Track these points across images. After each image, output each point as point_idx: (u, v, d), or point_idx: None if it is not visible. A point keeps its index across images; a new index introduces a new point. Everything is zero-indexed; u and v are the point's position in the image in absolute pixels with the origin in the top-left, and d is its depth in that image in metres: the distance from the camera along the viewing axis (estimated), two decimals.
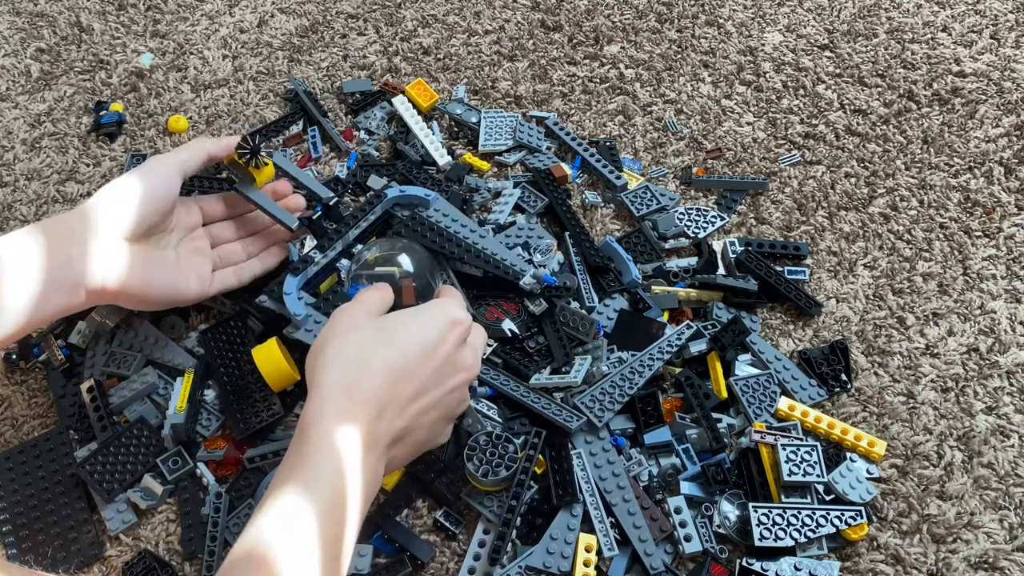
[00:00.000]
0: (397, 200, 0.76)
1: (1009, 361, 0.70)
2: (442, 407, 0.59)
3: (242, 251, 0.74)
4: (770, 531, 0.60)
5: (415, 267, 0.69)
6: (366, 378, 0.54)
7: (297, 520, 0.48)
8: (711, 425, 0.65)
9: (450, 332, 0.59)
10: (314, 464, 0.51)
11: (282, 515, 0.49)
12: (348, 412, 0.53)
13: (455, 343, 0.59)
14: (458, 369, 0.59)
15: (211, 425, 0.69)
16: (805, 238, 0.79)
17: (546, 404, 0.66)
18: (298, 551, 0.48)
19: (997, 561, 0.60)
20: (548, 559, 0.60)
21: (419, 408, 0.57)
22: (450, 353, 0.58)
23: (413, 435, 0.57)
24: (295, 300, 0.69)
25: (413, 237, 0.73)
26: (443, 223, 0.74)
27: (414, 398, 0.56)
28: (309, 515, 0.49)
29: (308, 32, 1.01)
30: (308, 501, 0.49)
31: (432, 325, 0.58)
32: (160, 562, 0.62)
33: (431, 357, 0.57)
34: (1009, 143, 0.85)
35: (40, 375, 0.74)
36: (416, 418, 0.57)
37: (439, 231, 0.73)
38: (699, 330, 0.70)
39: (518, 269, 0.71)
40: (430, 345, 0.57)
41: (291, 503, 0.49)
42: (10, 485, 0.67)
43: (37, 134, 0.92)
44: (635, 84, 0.93)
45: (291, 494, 0.49)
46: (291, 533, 0.48)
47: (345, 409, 0.53)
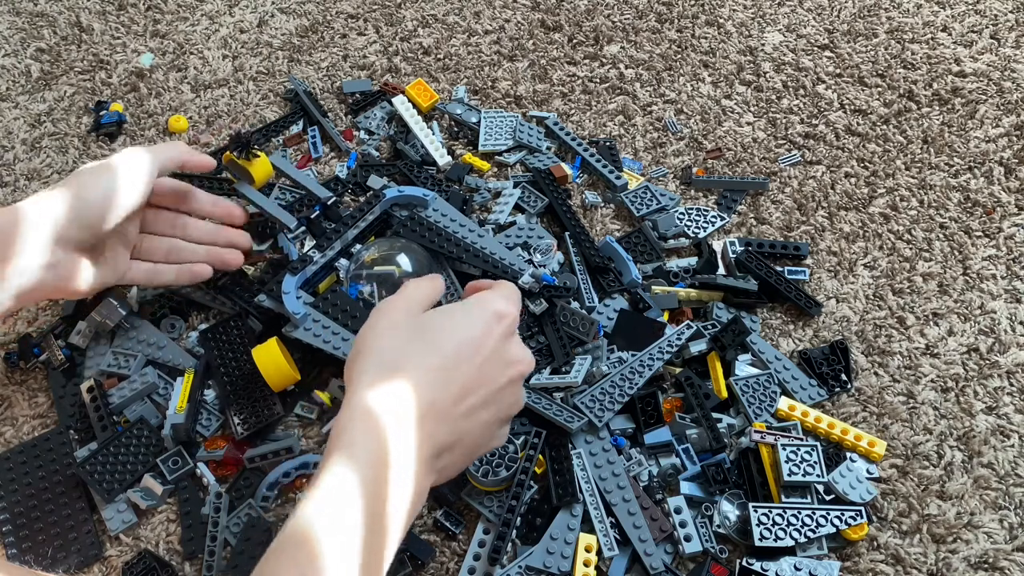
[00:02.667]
0: (396, 200, 0.76)
1: (1009, 361, 0.70)
2: (494, 406, 0.55)
3: (164, 250, 0.72)
4: (770, 531, 0.60)
5: (414, 267, 0.70)
6: (403, 384, 0.51)
7: (333, 541, 0.46)
8: (711, 425, 0.65)
9: (494, 326, 0.55)
10: (344, 480, 0.47)
11: (314, 536, 0.45)
12: (382, 422, 0.49)
13: (501, 336, 0.55)
14: (507, 363, 0.55)
15: (211, 425, 0.69)
16: (805, 238, 0.79)
17: (547, 404, 0.66)
18: (336, 564, 0.45)
19: (997, 561, 0.60)
20: (548, 559, 0.60)
21: (466, 409, 0.53)
22: (496, 348, 0.54)
23: (464, 440, 0.53)
24: (293, 299, 0.69)
25: (412, 237, 0.73)
26: (442, 223, 0.74)
27: (459, 399, 0.52)
28: (345, 538, 0.46)
29: (308, 32, 1.01)
30: (340, 519, 0.46)
31: (473, 320, 0.55)
32: (160, 562, 0.62)
33: (475, 354, 0.53)
34: (1009, 143, 0.85)
35: (40, 375, 0.74)
36: (464, 421, 0.53)
37: (438, 231, 0.73)
38: (699, 330, 0.70)
39: (517, 268, 0.71)
40: (472, 341, 0.54)
41: (324, 522, 0.46)
42: (10, 485, 0.67)
43: (37, 134, 0.92)
44: (635, 84, 0.93)
45: (320, 514, 0.46)
46: (331, 549, 0.45)
47: (378, 419, 0.49)
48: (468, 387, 0.53)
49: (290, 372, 0.67)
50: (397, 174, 0.85)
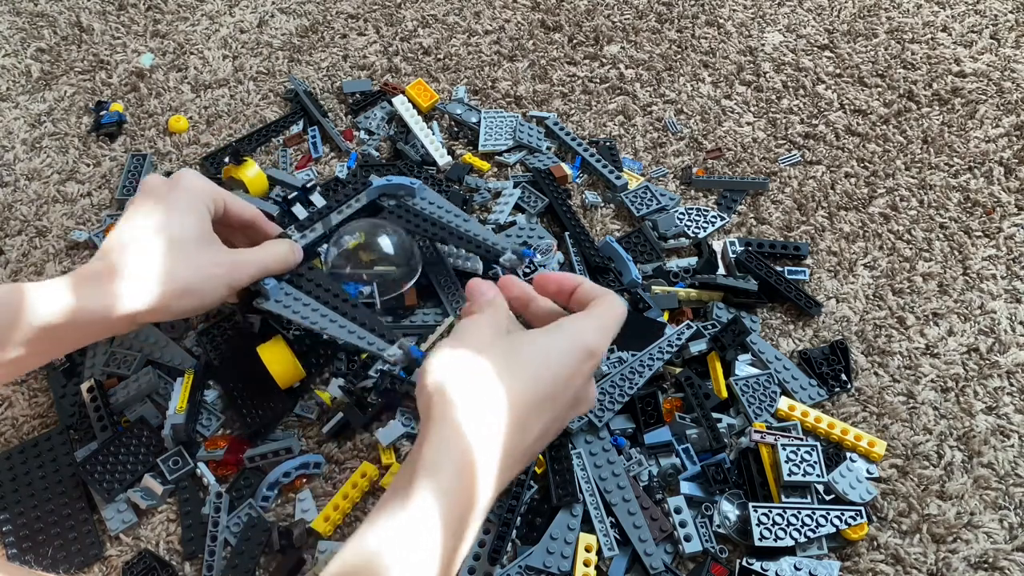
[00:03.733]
0: (383, 190, 0.74)
1: (1009, 361, 0.70)
2: (549, 438, 0.54)
3: None
4: (770, 531, 0.60)
5: (396, 251, 0.69)
6: (497, 419, 0.48)
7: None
8: (711, 425, 0.65)
9: (584, 364, 0.52)
10: (427, 514, 0.45)
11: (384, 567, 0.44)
12: (474, 459, 0.47)
13: (586, 377, 0.53)
14: (581, 403, 0.54)
15: (211, 425, 0.69)
16: (805, 238, 0.79)
17: None
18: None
19: (997, 561, 0.60)
20: (548, 559, 0.60)
21: (538, 444, 0.52)
22: (579, 388, 0.53)
23: (520, 464, 0.52)
24: (275, 284, 0.66)
25: (398, 223, 0.72)
26: (428, 210, 0.74)
27: (538, 438, 0.51)
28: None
29: (308, 32, 1.01)
30: (415, 553, 0.44)
31: (568, 355, 0.51)
32: (160, 562, 0.62)
33: (562, 393, 0.51)
34: (1009, 143, 0.85)
35: (40, 375, 0.74)
36: (530, 452, 0.52)
37: (424, 216, 0.73)
38: (699, 330, 0.70)
39: (499, 248, 0.71)
40: (562, 379, 0.51)
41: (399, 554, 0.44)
42: (10, 485, 0.67)
43: (37, 134, 0.92)
44: (635, 84, 0.93)
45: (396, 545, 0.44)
46: None
47: (471, 456, 0.47)
48: (548, 426, 0.52)
49: (297, 368, 0.67)
50: (397, 174, 0.85)
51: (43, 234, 0.84)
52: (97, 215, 0.85)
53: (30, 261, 0.82)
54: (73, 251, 0.82)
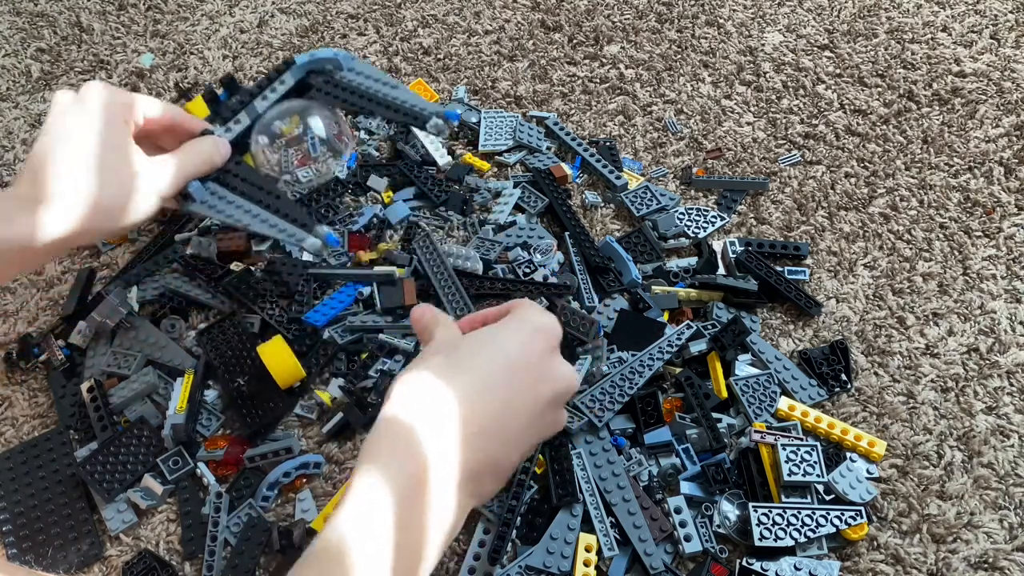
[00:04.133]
0: (309, 67, 0.71)
1: (1009, 361, 0.70)
2: (534, 428, 0.52)
3: None
4: (770, 531, 0.60)
5: (327, 132, 0.67)
6: (440, 401, 0.48)
7: (365, 557, 0.44)
8: (711, 425, 0.65)
9: (535, 338, 0.52)
10: (375, 493, 0.45)
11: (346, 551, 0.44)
12: (416, 436, 0.47)
13: (542, 352, 0.52)
14: (552, 379, 0.52)
15: (211, 425, 0.69)
16: (805, 238, 0.79)
17: None
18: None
19: (997, 561, 0.60)
20: (548, 559, 0.60)
21: (505, 430, 0.50)
22: (539, 363, 0.51)
23: (502, 463, 0.50)
24: (199, 186, 0.65)
25: (328, 100, 0.70)
26: (357, 81, 0.70)
27: (498, 419, 0.49)
28: (378, 553, 0.44)
29: (308, 32, 1.01)
30: (372, 533, 0.44)
31: (511, 336, 0.52)
32: (160, 562, 0.62)
33: (513, 372, 0.50)
34: (1009, 143, 0.85)
35: (40, 375, 0.74)
36: (502, 443, 0.50)
37: (352, 90, 0.70)
38: (699, 330, 0.70)
39: (426, 114, 0.68)
40: (511, 358, 0.50)
41: (356, 536, 0.44)
42: (10, 485, 0.67)
43: (37, 134, 0.92)
44: (635, 84, 0.93)
45: (352, 529, 0.44)
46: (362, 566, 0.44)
47: (413, 433, 0.47)
48: (508, 406, 0.50)
49: (297, 368, 0.67)
50: (397, 174, 0.85)
51: None
52: None
53: None
54: (73, 251, 0.82)
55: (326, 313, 0.73)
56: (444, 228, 0.80)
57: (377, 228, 0.80)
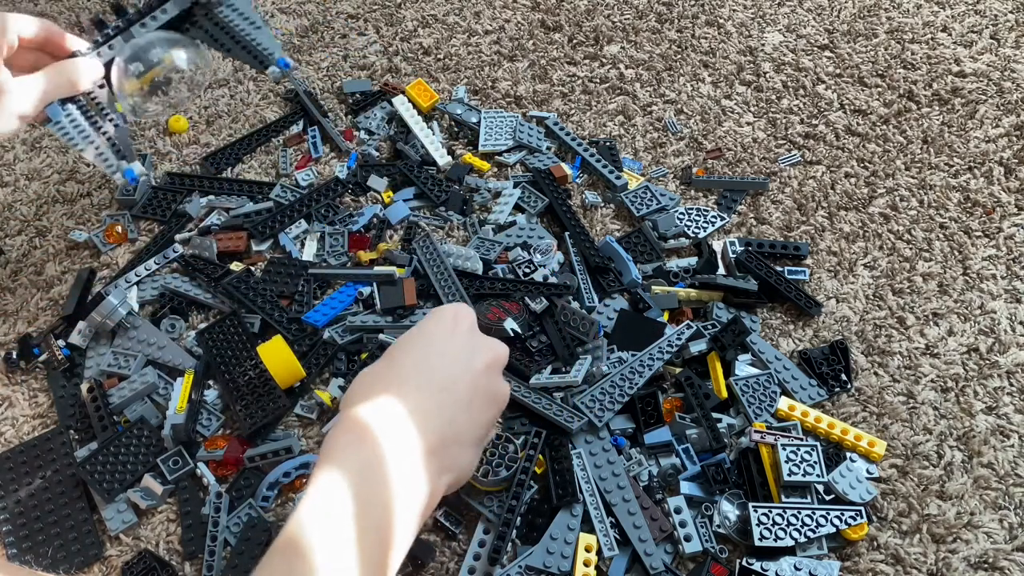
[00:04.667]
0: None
1: (1009, 361, 0.70)
2: (479, 397, 0.55)
3: None
4: (770, 531, 0.60)
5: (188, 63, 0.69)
6: (383, 395, 0.52)
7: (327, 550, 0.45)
8: (711, 425, 0.65)
9: (456, 320, 0.57)
10: (334, 485, 0.47)
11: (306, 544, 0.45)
12: (369, 429, 0.50)
13: (466, 332, 0.57)
14: (480, 349, 0.57)
15: (211, 425, 0.69)
16: (805, 238, 0.79)
17: (547, 404, 0.66)
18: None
19: (997, 561, 0.60)
20: (548, 559, 0.60)
21: (452, 400, 0.53)
22: (466, 339, 0.56)
23: (463, 432, 0.54)
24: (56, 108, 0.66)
25: (199, 35, 0.72)
26: (231, 18, 0.73)
27: (442, 391, 0.53)
28: (340, 544, 0.46)
29: (308, 32, 1.01)
30: (332, 524, 0.46)
31: (432, 326, 0.57)
32: (160, 562, 0.62)
33: (444, 351, 0.55)
34: (1009, 143, 0.85)
35: (40, 375, 0.74)
36: (457, 410, 0.53)
37: (223, 27, 0.72)
38: (699, 330, 0.70)
39: (268, 54, 0.71)
40: (437, 342, 0.55)
41: (316, 529, 0.46)
42: (10, 485, 0.67)
43: (37, 134, 0.92)
44: (635, 84, 0.93)
45: (312, 522, 0.46)
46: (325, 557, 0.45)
47: (365, 426, 0.50)
48: (450, 380, 0.54)
49: (297, 368, 0.67)
50: (397, 174, 0.85)
51: (43, 234, 0.84)
52: (97, 215, 0.85)
53: (30, 261, 0.82)
54: (73, 251, 0.82)
55: (326, 313, 0.73)
56: (444, 228, 0.80)
57: (377, 228, 0.80)
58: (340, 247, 0.78)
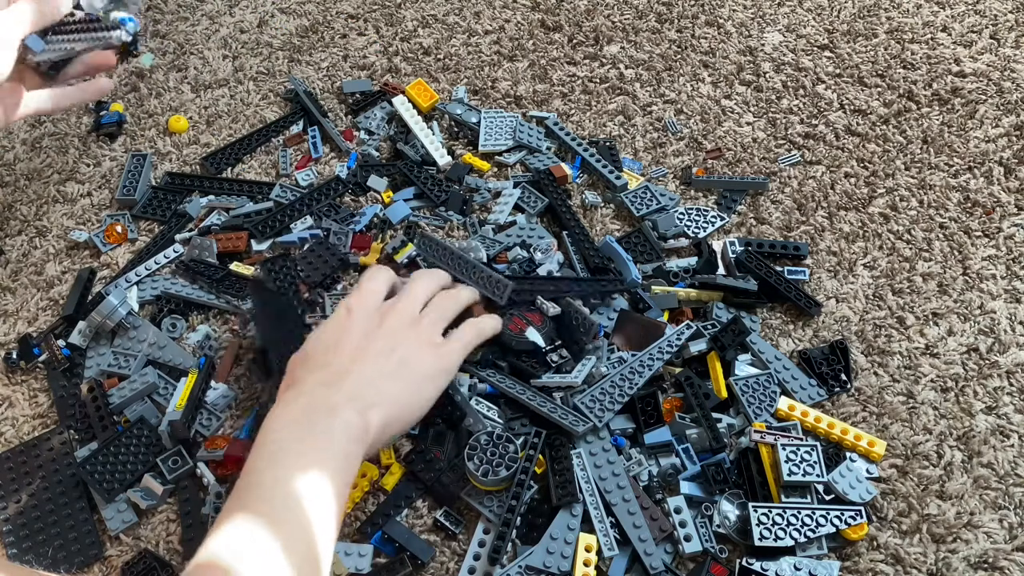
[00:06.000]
0: None
1: (1009, 361, 0.70)
2: (381, 341, 0.61)
3: None
4: (770, 531, 0.60)
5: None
6: (296, 384, 0.59)
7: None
8: (711, 425, 0.65)
9: (340, 308, 0.63)
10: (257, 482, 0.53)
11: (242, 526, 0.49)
12: (282, 418, 0.56)
13: (359, 307, 0.63)
14: (387, 312, 0.63)
15: (211, 425, 0.69)
16: (805, 238, 0.79)
17: (552, 407, 0.66)
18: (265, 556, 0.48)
19: (997, 561, 0.60)
20: (548, 559, 0.60)
21: (347, 355, 0.59)
22: (363, 331, 0.61)
23: (377, 387, 0.58)
24: (35, 38, 0.68)
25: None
26: None
27: (328, 352, 0.60)
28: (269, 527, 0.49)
29: (308, 32, 1.01)
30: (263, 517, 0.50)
31: (326, 326, 0.62)
32: (160, 562, 0.62)
33: (330, 324, 0.61)
34: (1009, 143, 0.85)
35: (40, 375, 0.74)
36: (361, 365, 0.59)
37: None
38: (699, 330, 0.70)
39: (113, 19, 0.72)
40: (323, 324, 0.62)
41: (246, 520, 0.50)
42: (10, 485, 0.67)
43: (37, 134, 0.92)
44: (635, 84, 0.93)
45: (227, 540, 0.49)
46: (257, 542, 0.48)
47: (280, 417, 0.56)
48: (354, 340, 0.60)
49: None
50: (397, 174, 0.85)
51: (43, 234, 0.84)
52: (97, 215, 0.85)
53: (30, 261, 0.82)
54: (73, 251, 0.82)
55: None
56: (444, 228, 0.80)
57: (378, 228, 0.80)
58: (342, 247, 0.78)
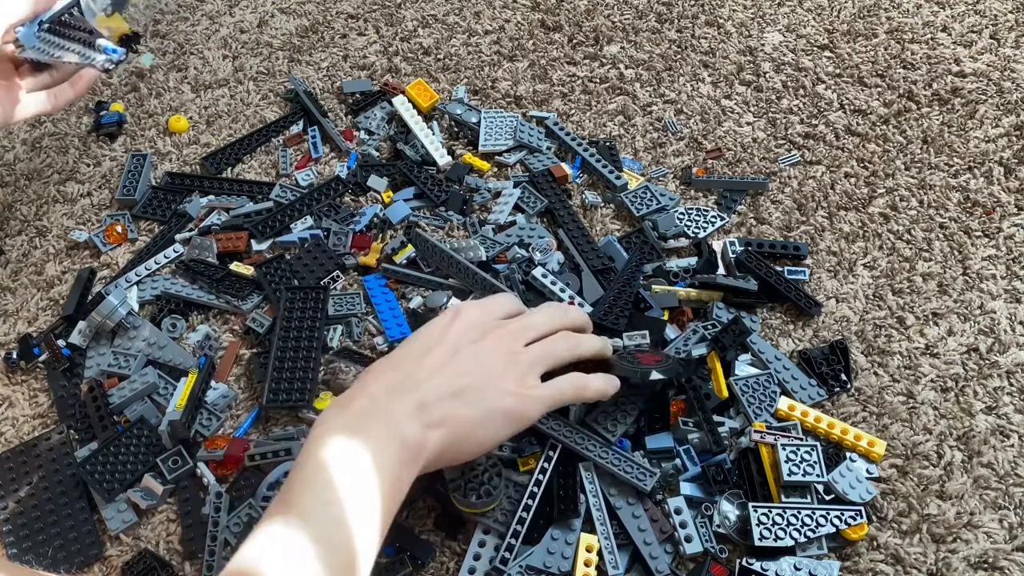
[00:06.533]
0: None
1: (1009, 361, 0.70)
2: (481, 377, 0.56)
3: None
4: (770, 531, 0.60)
5: None
6: (361, 385, 0.55)
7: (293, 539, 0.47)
8: (712, 428, 0.65)
9: (448, 313, 0.60)
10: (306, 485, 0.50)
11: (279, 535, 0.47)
12: (335, 419, 0.53)
13: (463, 329, 0.59)
14: (492, 331, 0.59)
15: (211, 425, 0.69)
16: (805, 238, 0.79)
17: (616, 461, 0.63)
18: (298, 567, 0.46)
19: (997, 561, 0.60)
20: (548, 559, 0.60)
21: (427, 368, 0.56)
22: (455, 339, 0.58)
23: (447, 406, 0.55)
24: (29, 32, 0.69)
25: None
26: None
27: (415, 360, 0.56)
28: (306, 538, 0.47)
29: (308, 32, 1.01)
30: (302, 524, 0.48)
31: (428, 325, 0.59)
32: (160, 562, 0.62)
33: (427, 348, 0.57)
34: (1009, 143, 0.85)
35: (40, 375, 0.74)
36: (437, 378, 0.55)
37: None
38: (701, 335, 0.70)
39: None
40: (423, 340, 0.58)
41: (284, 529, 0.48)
42: (10, 485, 0.67)
43: (37, 134, 0.92)
44: (635, 84, 0.93)
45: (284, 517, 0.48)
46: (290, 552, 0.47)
47: (334, 418, 0.53)
48: (421, 348, 0.57)
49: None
50: (397, 174, 0.85)
51: (43, 234, 0.84)
52: (97, 215, 0.85)
53: (30, 261, 0.82)
54: (73, 251, 0.82)
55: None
56: (444, 228, 0.80)
57: (378, 228, 0.80)
58: (343, 247, 0.78)
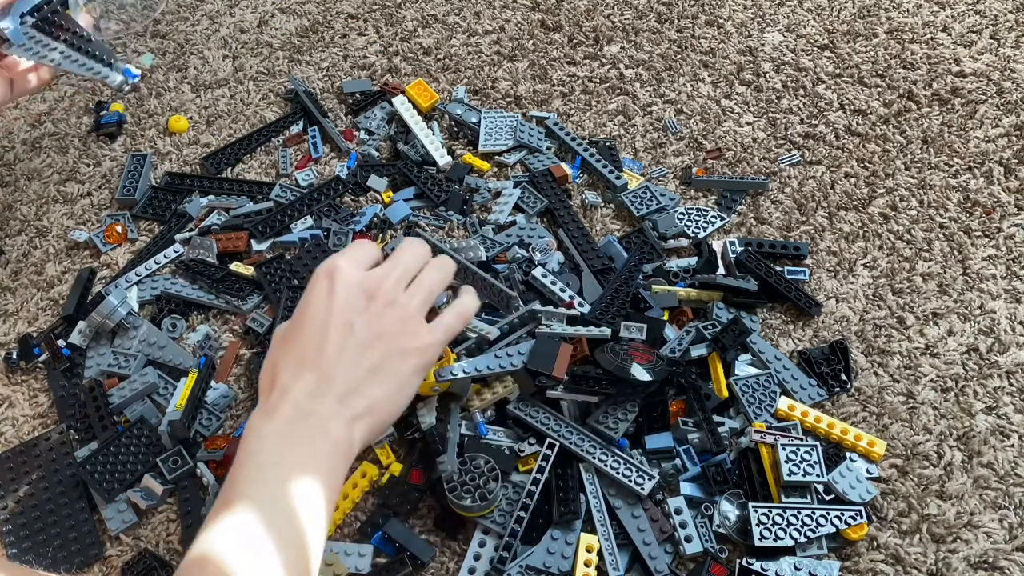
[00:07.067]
0: None
1: (1009, 361, 0.70)
2: (383, 347, 0.55)
3: None
4: (770, 531, 0.60)
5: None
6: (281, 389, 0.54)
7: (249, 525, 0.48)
8: (712, 428, 0.65)
9: (322, 278, 0.57)
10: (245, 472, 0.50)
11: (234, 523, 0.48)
12: (264, 427, 0.52)
13: (341, 288, 0.56)
14: (373, 291, 0.57)
15: (211, 425, 0.69)
16: (805, 238, 0.79)
17: (615, 463, 0.63)
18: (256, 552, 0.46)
19: (997, 561, 0.60)
20: (548, 559, 0.60)
21: (343, 352, 0.54)
22: (338, 289, 0.56)
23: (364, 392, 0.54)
24: (14, 26, 0.67)
25: None
26: None
27: (315, 338, 0.54)
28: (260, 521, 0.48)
29: (308, 32, 1.01)
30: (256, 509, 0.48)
31: (307, 296, 0.57)
32: (160, 562, 0.62)
33: (314, 302, 0.55)
34: (1009, 143, 0.85)
35: (40, 375, 0.74)
36: (346, 367, 0.54)
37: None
38: (701, 334, 0.70)
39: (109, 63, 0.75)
40: (306, 299, 0.56)
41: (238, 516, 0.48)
42: (10, 485, 0.67)
43: (37, 134, 0.92)
44: (635, 84, 0.93)
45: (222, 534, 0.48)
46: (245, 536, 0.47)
47: (263, 426, 0.52)
48: (325, 325, 0.55)
49: None
50: (397, 174, 0.85)
51: (43, 234, 0.84)
52: (97, 215, 0.85)
53: (30, 261, 0.82)
54: (73, 251, 0.82)
55: None
56: (444, 228, 0.81)
57: (378, 228, 0.80)
58: (343, 247, 0.78)
